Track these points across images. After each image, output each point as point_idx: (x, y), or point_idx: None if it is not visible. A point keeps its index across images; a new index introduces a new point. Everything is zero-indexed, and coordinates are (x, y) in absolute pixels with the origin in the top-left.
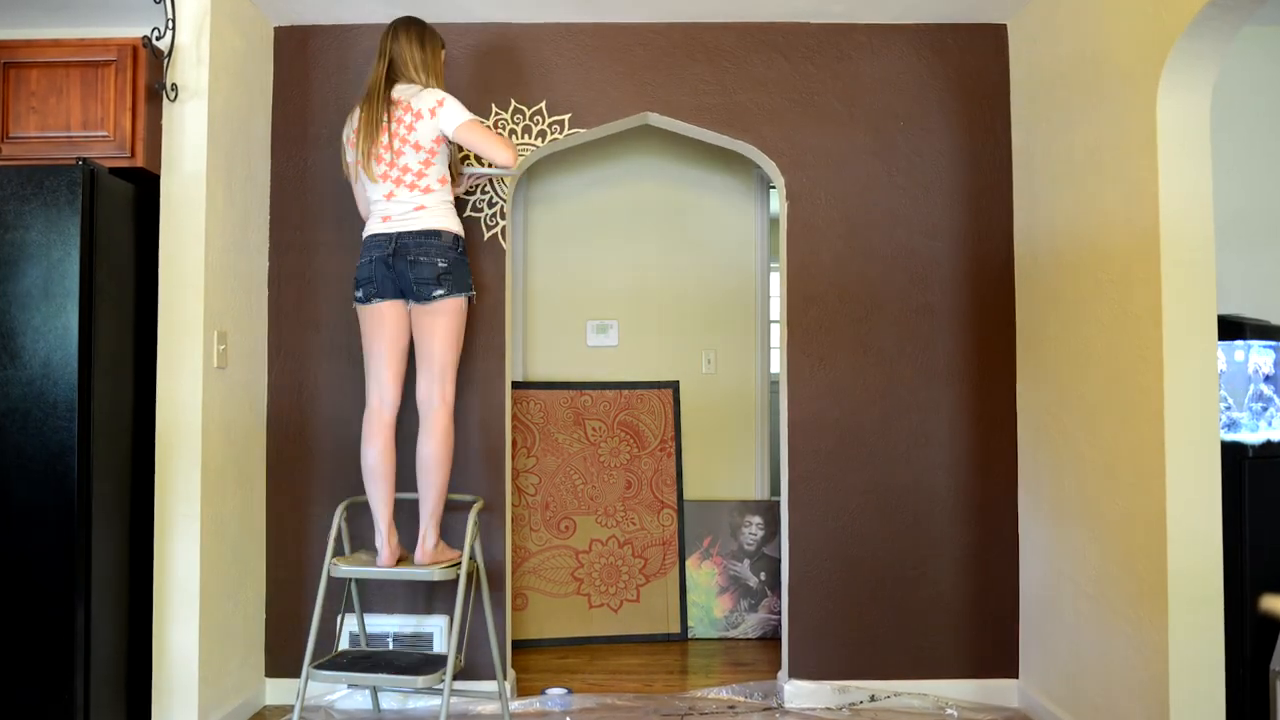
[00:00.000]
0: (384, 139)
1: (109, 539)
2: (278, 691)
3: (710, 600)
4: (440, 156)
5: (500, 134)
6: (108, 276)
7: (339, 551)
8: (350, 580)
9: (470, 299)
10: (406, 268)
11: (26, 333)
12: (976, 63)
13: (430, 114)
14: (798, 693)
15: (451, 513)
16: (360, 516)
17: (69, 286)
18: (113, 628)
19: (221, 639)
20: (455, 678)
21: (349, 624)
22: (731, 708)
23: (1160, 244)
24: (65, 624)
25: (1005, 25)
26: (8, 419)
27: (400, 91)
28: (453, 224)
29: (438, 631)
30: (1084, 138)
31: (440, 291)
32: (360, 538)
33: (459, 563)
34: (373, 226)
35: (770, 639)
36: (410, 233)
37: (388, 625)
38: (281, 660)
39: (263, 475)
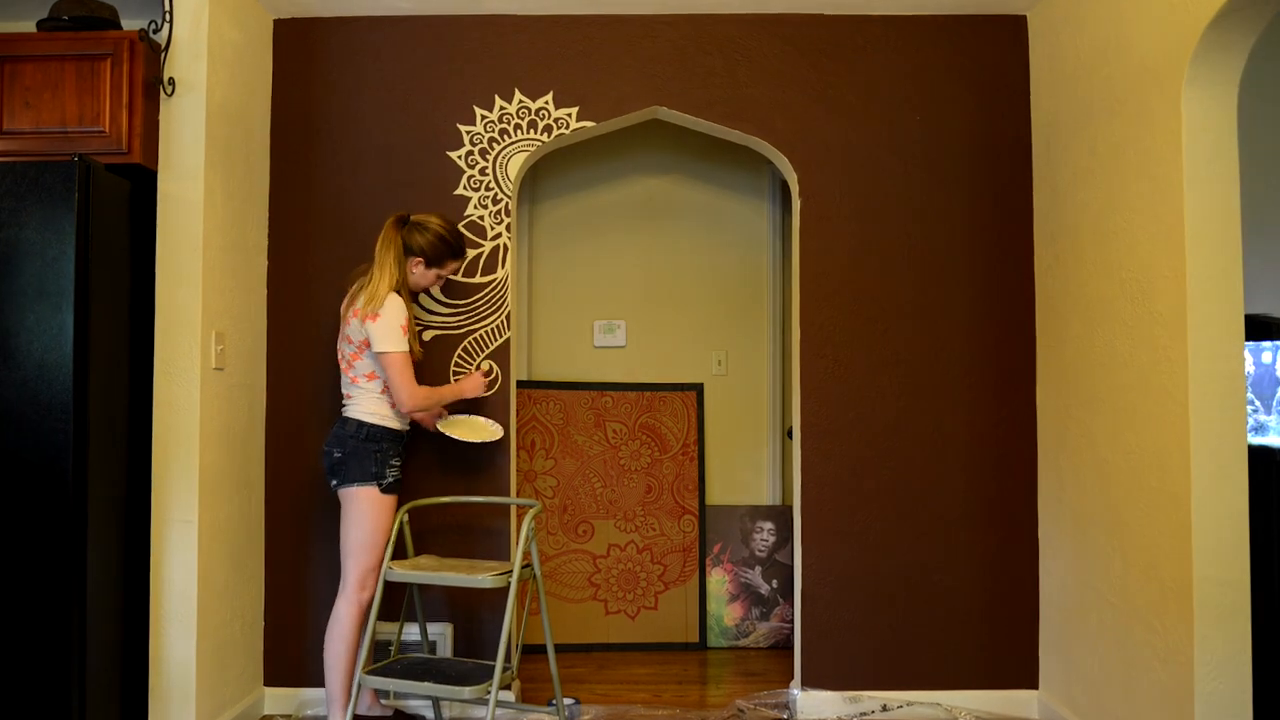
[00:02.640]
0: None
1: (104, 544)
2: (277, 701)
3: (721, 608)
4: (369, 356)
5: (408, 376)
6: (104, 275)
7: (399, 555)
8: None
9: (380, 487)
10: None
11: (20, 333)
12: (995, 55)
13: (364, 321)
14: (810, 703)
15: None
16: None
17: (64, 285)
18: (108, 635)
19: (219, 647)
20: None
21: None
22: (740, 712)
23: (1185, 241)
24: (60, 631)
25: (1025, 17)
26: (1, 421)
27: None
28: (364, 414)
29: (441, 639)
30: (1106, 132)
31: (334, 481)
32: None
33: (510, 570)
34: None
35: (782, 648)
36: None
37: (389, 632)
38: (281, 669)
39: (262, 479)
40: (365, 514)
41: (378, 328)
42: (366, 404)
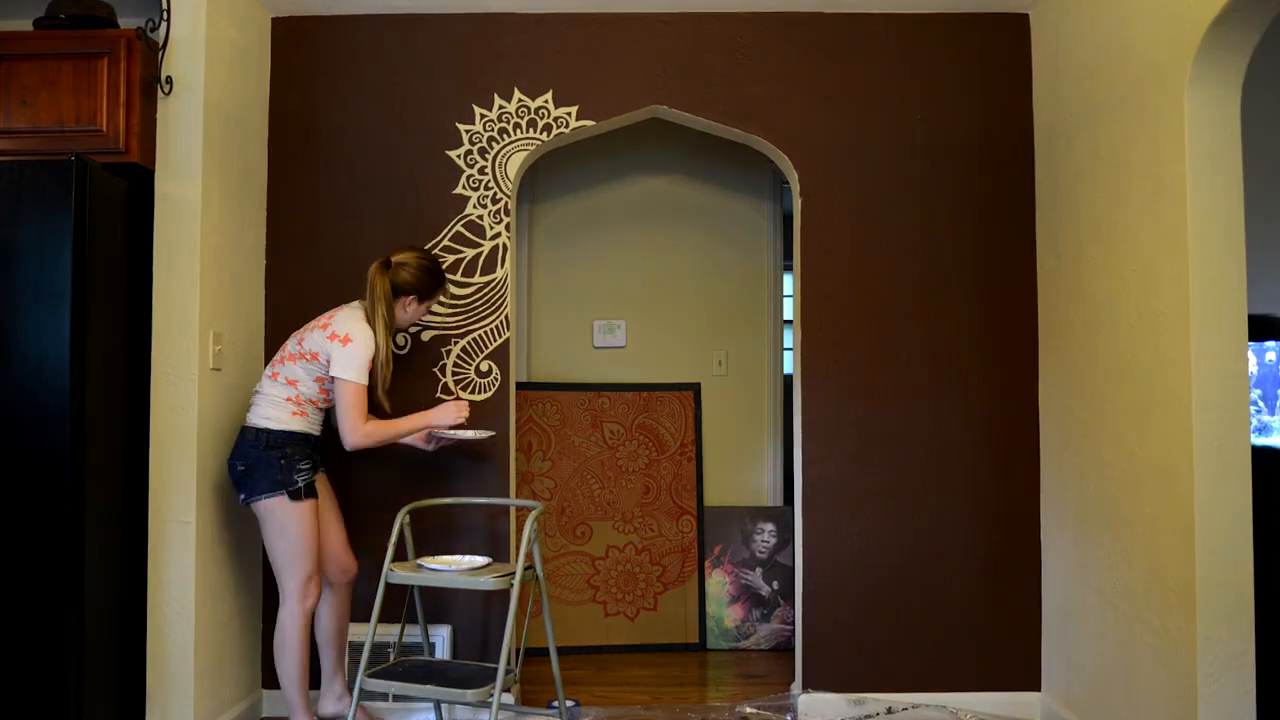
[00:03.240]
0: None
1: (102, 545)
2: (275, 703)
3: (721, 610)
4: (304, 367)
5: (359, 412)
6: (101, 275)
7: (400, 557)
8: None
9: (290, 494)
10: None
11: (17, 333)
12: (997, 54)
13: (330, 338)
14: (812, 705)
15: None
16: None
17: (61, 286)
18: (106, 637)
19: (218, 649)
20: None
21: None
22: (745, 718)
23: (1188, 240)
24: (57, 632)
25: (1027, 15)
26: None
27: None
28: (262, 419)
29: (440, 641)
30: (1109, 131)
31: (241, 496)
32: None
33: (513, 572)
34: None
35: (783, 650)
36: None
37: (389, 634)
38: None
39: None
40: (284, 526)
41: (345, 353)
42: (266, 407)
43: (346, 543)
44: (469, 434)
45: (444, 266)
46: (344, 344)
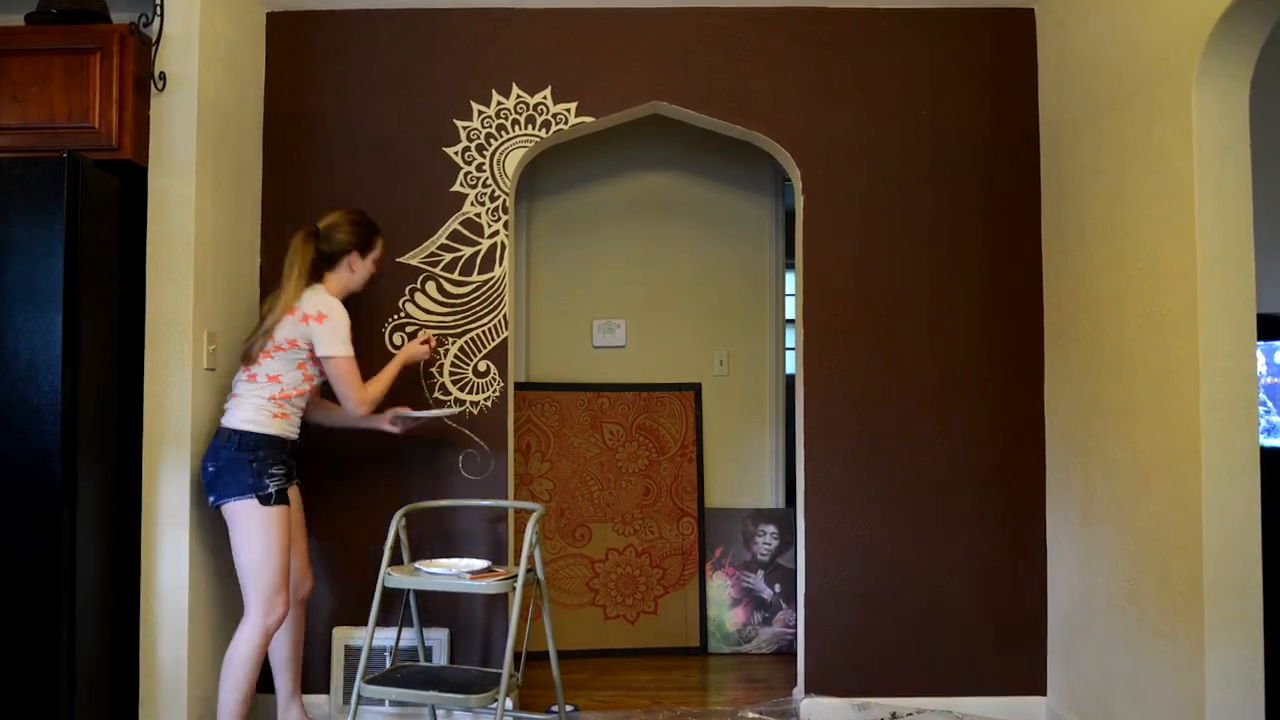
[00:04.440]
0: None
1: (94, 548)
2: (270, 708)
3: (723, 613)
4: (284, 358)
5: (357, 381)
6: (93, 274)
7: (396, 561)
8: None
9: (260, 498)
10: None
11: (8, 332)
12: (1002, 49)
13: (304, 320)
14: (815, 710)
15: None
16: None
17: (52, 284)
18: (98, 641)
19: (212, 653)
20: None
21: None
22: None
23: (1196, 238)
24: (48, 637)
25: (1032, 10)
26: None
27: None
28: (239, 421)
29: (437, 645)
30: (1115, 126)
31: (210, 498)
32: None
33: (514, 575)
34: None
35: (785, 654)
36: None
37: (386, 638)
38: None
39: None
40: (252, 532)
41: (325, 329)
42: (244, 409)
43: (308, 560)
44: (435, 413)
45: (441, 265)
46: (319, 321)
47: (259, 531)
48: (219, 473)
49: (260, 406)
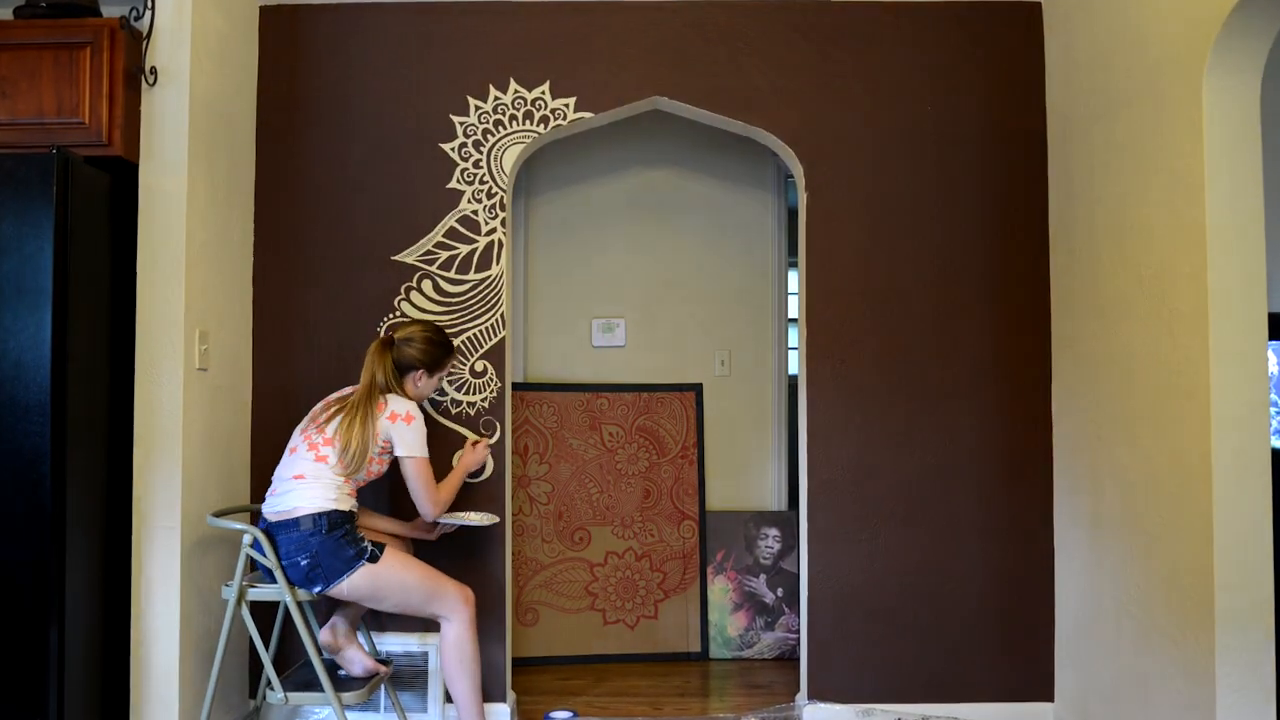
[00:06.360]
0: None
1: (84, 551)
2: (264, 713)
3: (724, 618)
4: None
5: (433, 485)
6: (83, 272)
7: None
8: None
9: (369, 558)
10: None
11: None
12: (1009, 44)
13: (391, 419)
14: (818, 716)
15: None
16: None
17: (42, 282)
18: (88, 646)
19: (204, 658)
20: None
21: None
22: None
23: (1206, 237)
24: (37, 642)
25: (1039, 4)
26: None
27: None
28: (315, 505)
29: (433, 650)
30: (1124, 123)
31: (318, 589)
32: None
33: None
34: None
35: (787, 659)
36: (274, 515)
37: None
38: None
39: (248, 484)
40: (390, 583)
41: (411, 431)
42: (318, 490)
43: None
44: (473, 520)
45: (437, 263)
46: (407, 422)
47: (395, 577)
48: (316, 561)
49: (334, 485)
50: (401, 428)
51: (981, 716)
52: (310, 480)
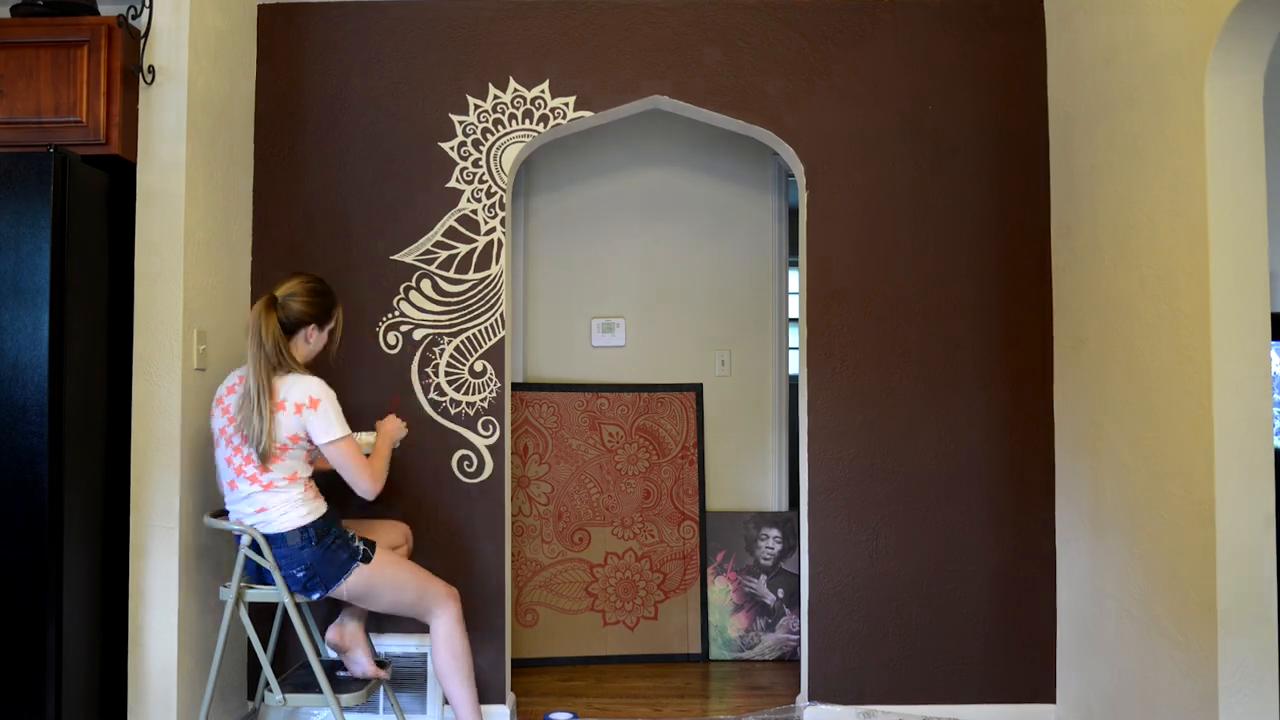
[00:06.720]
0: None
1: (81, 552)
2: (262, 714)
3: (724, 619)
4: (293, 455)
5: (363, 461)
6: (81, 271)
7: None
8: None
9: (364, 559)
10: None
11: None
12: (1010, 42)
13: (296, 411)
14: (818, 717)
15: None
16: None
17: (39, 282)
18: (86, 647)
19: (203, 659)
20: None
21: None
22: None
23: (1209, 236)
24: (35, 643)
25: (1041, 3)
26: None
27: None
28: (297, 519)
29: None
30: (1126, 122)
31: (317, 595)
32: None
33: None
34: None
35: (788, 661)
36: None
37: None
38: None
39: None
40: (383, 581)
41: (321, 415)
42: (293, 508)
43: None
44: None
45: (436, 263)
46: (314, 408)
47: (388, 574)
48: (313, 571)
49: (302, 500)
50: (310, 416)
51: (983, 718)
52: (274, 508)
